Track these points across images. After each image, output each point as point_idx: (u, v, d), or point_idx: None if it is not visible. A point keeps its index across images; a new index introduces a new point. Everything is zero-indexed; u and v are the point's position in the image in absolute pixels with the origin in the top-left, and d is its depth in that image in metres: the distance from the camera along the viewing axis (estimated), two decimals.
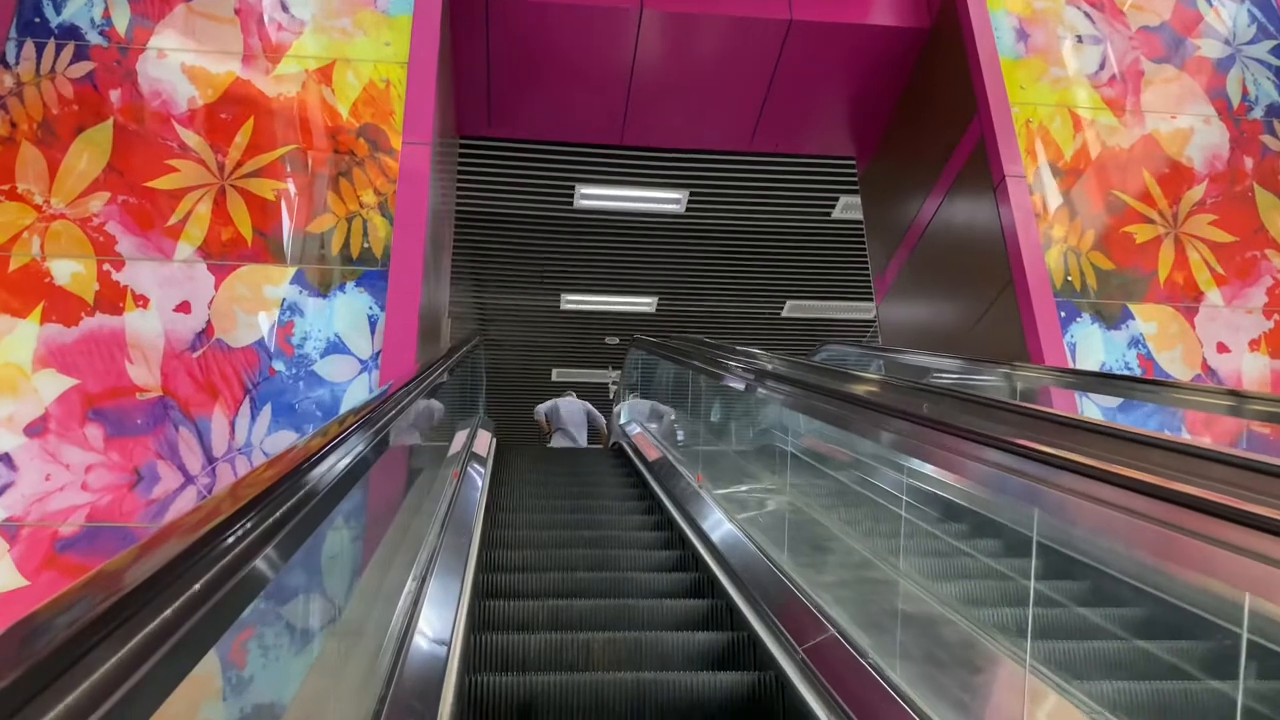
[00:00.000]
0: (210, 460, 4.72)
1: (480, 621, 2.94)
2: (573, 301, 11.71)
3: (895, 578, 2.44)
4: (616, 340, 12.62)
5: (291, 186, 5.35)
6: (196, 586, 0.88)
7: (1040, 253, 5.67)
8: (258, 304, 5.08)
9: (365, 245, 5.30)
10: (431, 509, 3.84)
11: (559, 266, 10.82)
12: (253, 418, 4.84)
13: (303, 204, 5.33)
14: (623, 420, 7.59)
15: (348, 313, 5.13)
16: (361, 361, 5.04)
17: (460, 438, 5.78)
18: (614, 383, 13.47)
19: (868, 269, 10.84)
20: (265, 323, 5.05)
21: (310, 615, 1.72)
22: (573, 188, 9.31)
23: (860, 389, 2.63)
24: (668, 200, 9.64)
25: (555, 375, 13.90)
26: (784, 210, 9.78)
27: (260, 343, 5.00)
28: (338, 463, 1.66)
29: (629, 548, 3.75)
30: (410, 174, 5.44)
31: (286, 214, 5.29)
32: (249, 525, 1.06)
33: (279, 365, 4.97)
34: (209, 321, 5.00)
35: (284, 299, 5.11)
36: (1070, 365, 5.41)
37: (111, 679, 0.70)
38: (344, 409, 4.95)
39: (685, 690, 2.36)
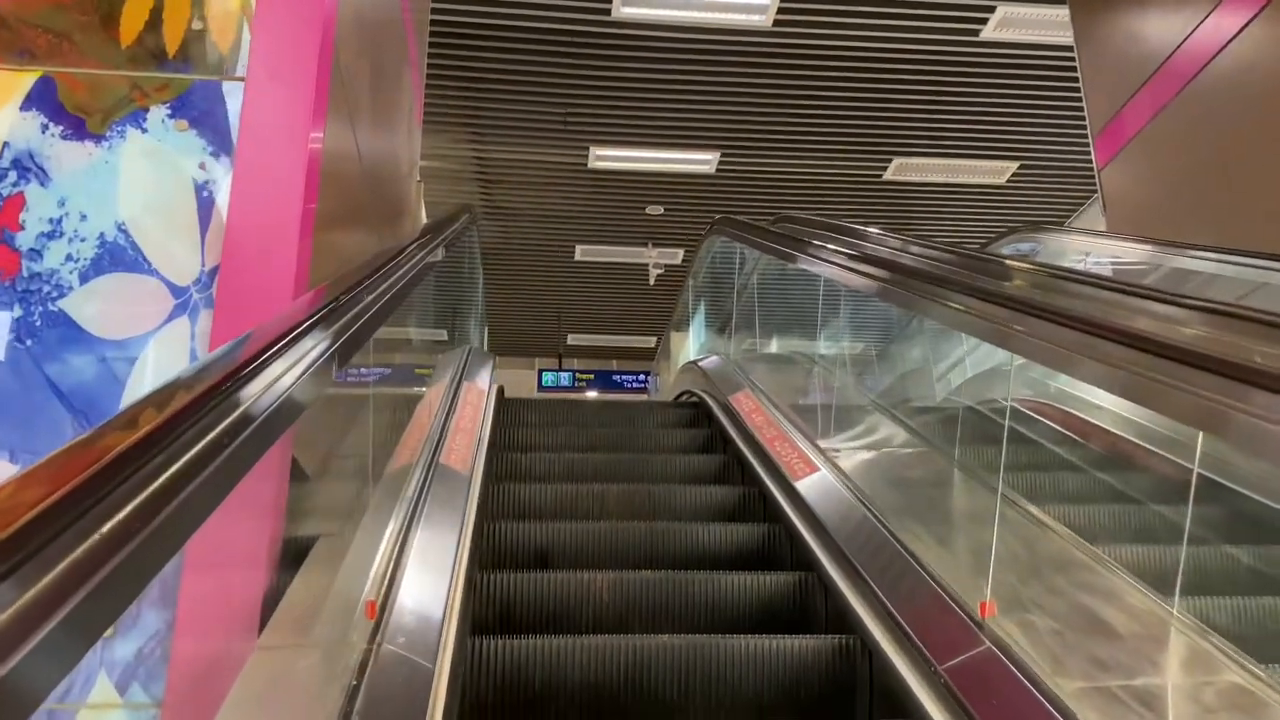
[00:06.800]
0: None
1: None
2: (605, 157, 8.84)
3: None
4: (661, 210, 9.76)
5: None
6: None
7: None
8: None
9: (194, 27, 2.43)
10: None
11: (588, 107, 7.89)
12: None
13: None
14: (695, 354, 4.81)
15: (148, 176, 2.32)
16: (177, 289, 2.26)
17: (426, 410, 3.08)
18: (655, 264, 10.73)
19: (1019, 114, 7.85)
20: None
21: None
22: None
23: None
24: (748, 6, 6.59)
25: (579, 254, 11.11)
26: (910, 27, 6.76)
27: None
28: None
29: None
30: None
31: None
32: None
33: None
34: None
35: (5, 144, 2.30)
36: None
37: None
38: (127, 401, 2.20)
39: None
